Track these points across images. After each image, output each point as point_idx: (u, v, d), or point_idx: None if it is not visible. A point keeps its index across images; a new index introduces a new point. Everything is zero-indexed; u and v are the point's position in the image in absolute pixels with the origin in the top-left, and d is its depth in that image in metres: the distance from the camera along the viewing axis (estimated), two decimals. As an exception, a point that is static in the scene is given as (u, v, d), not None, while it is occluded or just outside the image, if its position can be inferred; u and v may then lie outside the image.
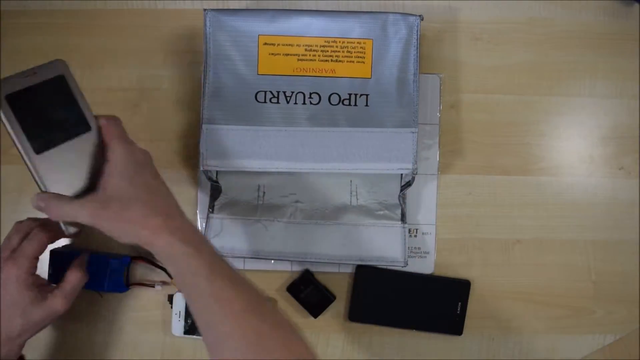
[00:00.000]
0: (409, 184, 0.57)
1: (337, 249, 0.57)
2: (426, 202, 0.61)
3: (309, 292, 0.59)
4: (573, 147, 0.62)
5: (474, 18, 0.62)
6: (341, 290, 0.61)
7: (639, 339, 0.61)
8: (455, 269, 0.61)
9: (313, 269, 0.60)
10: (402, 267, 0.57)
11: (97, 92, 0.62)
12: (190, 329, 0.59)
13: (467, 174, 0.61)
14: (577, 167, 0.62)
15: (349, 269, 0.60)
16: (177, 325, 0.59)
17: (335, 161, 0.56)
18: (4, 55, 0.62)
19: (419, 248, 0.61)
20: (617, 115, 0.62)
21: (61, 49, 0.62)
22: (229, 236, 0.57)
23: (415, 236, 0.60)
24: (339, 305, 0.61)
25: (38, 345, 0.59)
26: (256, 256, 0.58)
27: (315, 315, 0.60)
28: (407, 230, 0.58)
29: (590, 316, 0.61)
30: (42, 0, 0.62)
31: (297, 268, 0.61)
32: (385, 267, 0.58)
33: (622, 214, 0.62)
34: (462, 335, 0.60)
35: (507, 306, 0.61)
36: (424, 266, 0.61)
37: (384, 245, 0.57)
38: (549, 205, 0.61)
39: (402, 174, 0.58)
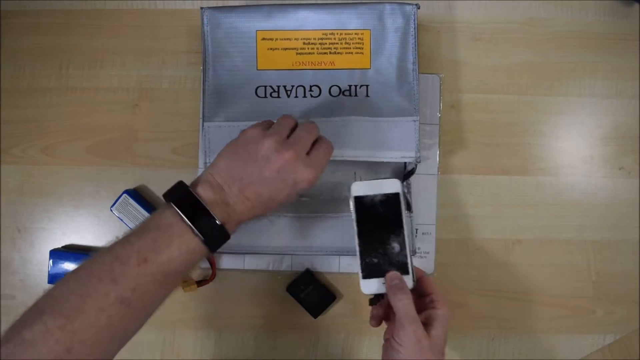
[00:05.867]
0: (411, 173, 0.57)
1: (345, 241, 0.57)
2: (426, 202, 0.61)
3: (309, 292, 0.59)
4: (573, 147, 0.62)
5: (474, 18, 0.62)
6: (341, 290, 0.61)
7: (639, 339, 0.61)
8: (456, 269, 0.61)
9: (319, 262, 0.60)
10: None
11: (97, 92, 0.62)
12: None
13: (467, 174, 0.61)
14: (577, 167, 0.62)
15: (349, 269, 0.60)
16: None
17: (338, 149, 0.54)
18: (4, 55, 0.62)
19: (419, 248, 0.60)
20: (617, 115, 0.62)
21: (61, 49, 0.62)
22: (234, 233, 0.57)
23: (415, 236, 0.60)
24: (339, 305, 0.61)
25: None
26: (262, 252, 0.58)
27: (315, 315, 0.59)
28: (413, 220, 0.57)
29: (590, 316, 0.61)
30: (42, 0, 0.62)
31: (298, 268, 0.61)
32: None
33: (622, 214, 0.62)
34: (462, 335, 0.60)
35: (507, 306, 0.61)
36: (424, 266, 0.60)
37: None
38: (549, 205, 0.61)
39: (405, 163, 0.58)
